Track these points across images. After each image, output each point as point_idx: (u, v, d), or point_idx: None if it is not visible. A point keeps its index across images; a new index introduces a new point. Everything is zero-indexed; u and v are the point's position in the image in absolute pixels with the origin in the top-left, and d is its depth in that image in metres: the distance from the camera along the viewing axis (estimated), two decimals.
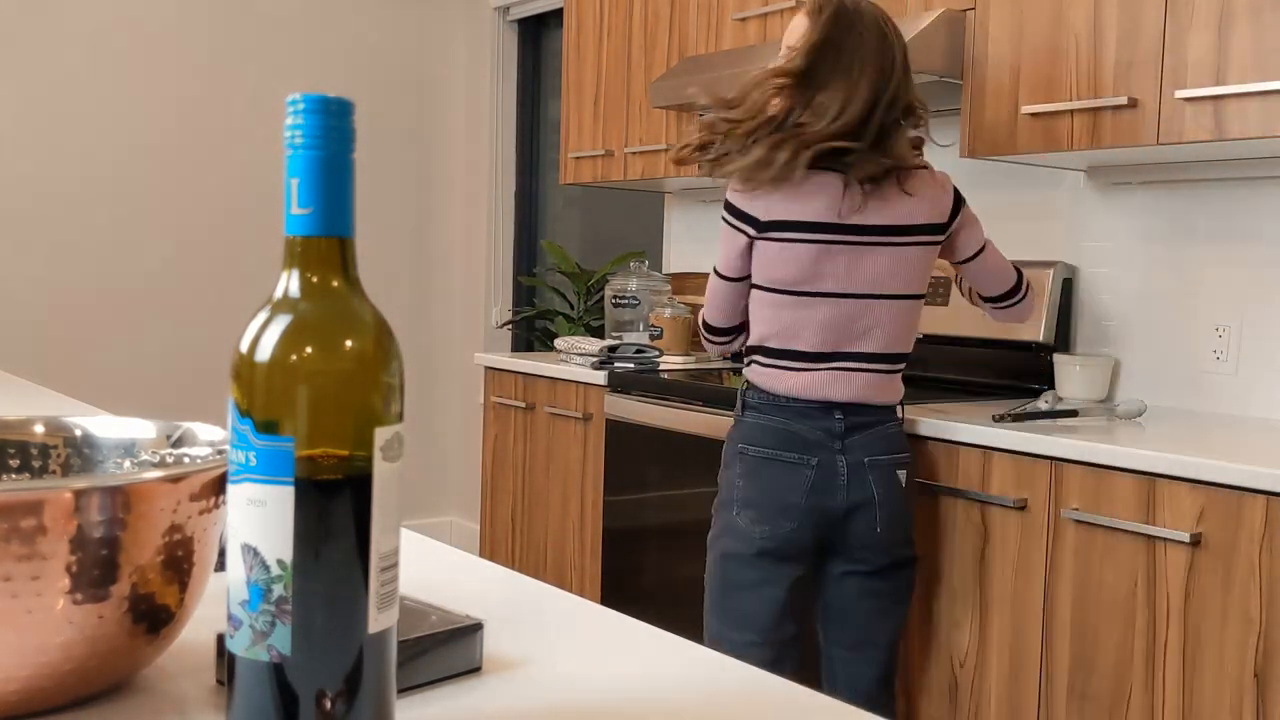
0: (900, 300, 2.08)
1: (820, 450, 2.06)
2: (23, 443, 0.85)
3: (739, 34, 3.08)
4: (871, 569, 2.12)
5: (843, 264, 2.03)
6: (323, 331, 0.58)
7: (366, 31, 4.58)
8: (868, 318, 2.06)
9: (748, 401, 2.14)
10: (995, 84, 2.46)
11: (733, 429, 2.17)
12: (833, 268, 2.03)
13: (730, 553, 2.13)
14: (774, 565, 2.09)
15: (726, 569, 2.14)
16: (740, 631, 2.12)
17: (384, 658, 0.60)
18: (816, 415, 2.07)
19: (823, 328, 2.05)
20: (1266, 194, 2.44)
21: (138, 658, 0.68)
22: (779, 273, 2.06)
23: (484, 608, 0.89)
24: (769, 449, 2.08)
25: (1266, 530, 1.81)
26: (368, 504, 0.58)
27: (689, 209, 3.84)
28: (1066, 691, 2.08)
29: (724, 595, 2.15)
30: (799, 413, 2.08)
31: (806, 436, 2.07)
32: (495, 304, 4.80)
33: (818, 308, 2.05)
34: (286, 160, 0.59)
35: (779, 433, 2.08)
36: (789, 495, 2.06)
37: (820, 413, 2.07)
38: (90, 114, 4.04)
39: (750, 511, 2.09)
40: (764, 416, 2.10)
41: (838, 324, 2.06)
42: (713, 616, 2.19)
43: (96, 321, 4.09)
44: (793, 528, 2.07)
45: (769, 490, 2.07)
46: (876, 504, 2.08)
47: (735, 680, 0.76)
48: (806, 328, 2.06)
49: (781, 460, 2.07)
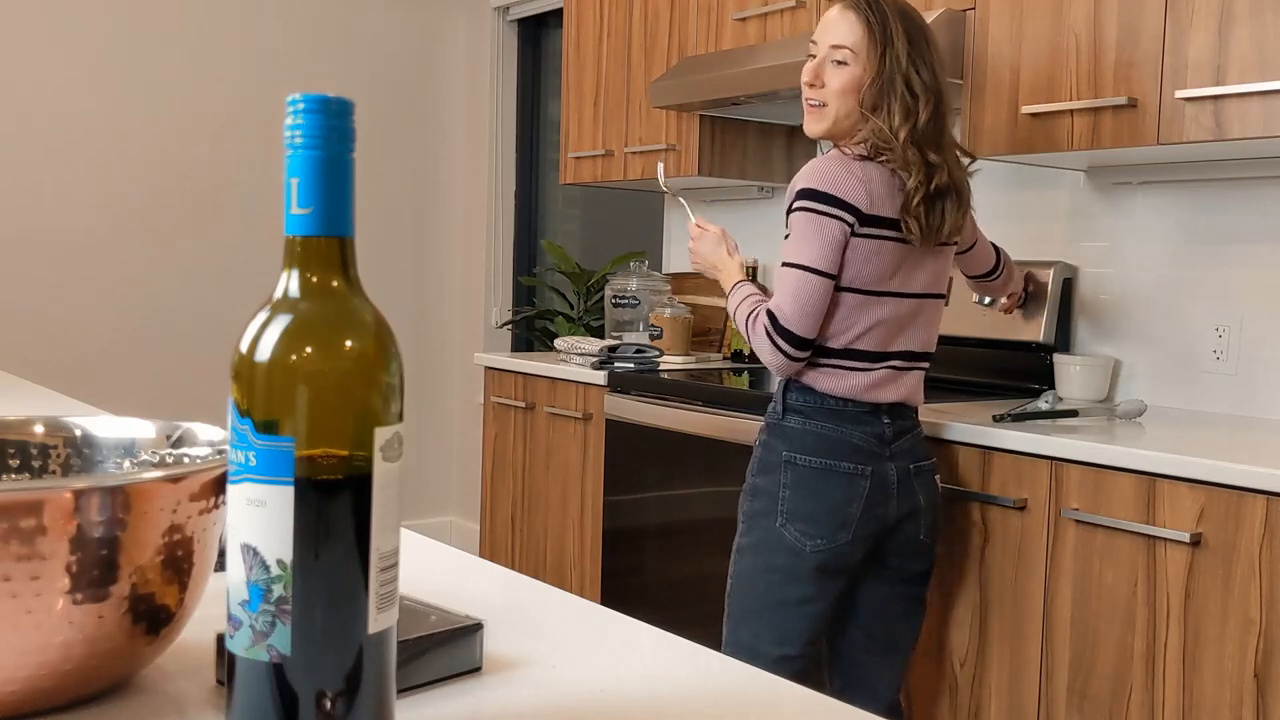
0: (942, 299, 2.11)
1: (873, 459, 2.02)
2: (23, 443, 0.85)
3: (739, 34, 3.08)
4: (909, 575, 2.11)
5: (913, 263, 2.02)
6: (323, 331, 0.58)
7: (366, 31, 4.58)
8: (921, 316, 2.05)
9: (791, 404, 2.05)
10: (995, 84, 2.46)
11: (772, 433, 2.08)
12: (908, 267, 2.01)
13: (778, 566, 2.02)
14: (827, 580, 2.03)
15: (772, 583, 2.03)
16: (779, 645, 2.03)
17: (384, 658, 0.60)
18: (866, 420, 2.02)
19: (886, 327, 2.01)
20: (1266, 194, 2.44)
21: (138, 658, 0.68)
22: (867, 270, 1.97)
23: (484, 608, 0.89)
24: (822, 458, 2.01)
25: (1266, 530, 1.81)
26: (367, 504, 0.58)
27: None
28: (1066, 691, 2.08)
29: (767, 609, 2.04)
30: (850, 418, 2.02)
31: (859, 444, 2.01)
32: (495, 304, 4.79)
33: (884, 306, 2.00)
34: (286, 160, 0.59)
35: (830, 439, 2.02)
36: (847, 507, 2.01)
37: (870, 417, 2.02)
38: (90, 114, 4.04)
39: (801, 524, 2.01)
40: (811, 421, 2.02)
41: (899, 322, 2.03)
42: (745, 628, 2.06)
43: (96, 321, 4.09)
44: (848, 540, 2.01)
45: (825, 502, 2.01)
46: (923, 511, 2.07)
47: (735, 680, 0.76)
48: (874, 327, 2.01)
49: (837, 471, 2.01)
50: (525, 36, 4.76)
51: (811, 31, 2.10)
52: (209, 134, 4.26)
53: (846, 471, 2.00)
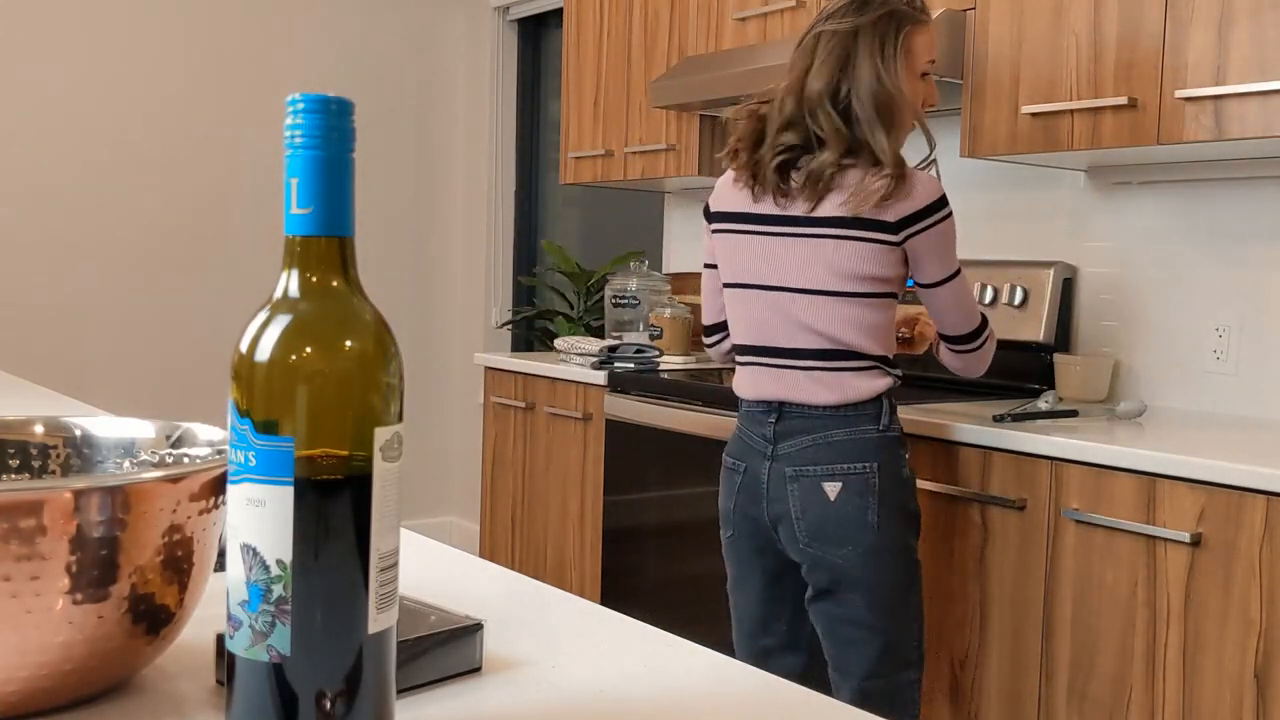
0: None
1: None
2: (23, 443, 0.85)
3: (739, 34, 3.08)
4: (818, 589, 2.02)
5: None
6: (322, 331, 0.58)
7: (366, 31, 4.58)
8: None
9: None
10: (995, 84, 2.46)
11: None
12: None
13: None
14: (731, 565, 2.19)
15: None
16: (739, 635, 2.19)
17: (384, 658, 0.60)
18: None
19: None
20: (1266, 194, 2.44)
21: (138, 658, 0.68)
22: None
23: (484, 608, 0.89)
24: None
25: (1266, 530, 1.81)
26: (367, 504, 0.58)
27: (689, 209, 3.84)
28: (1066, 691, 2.08)
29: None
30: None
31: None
32: (495, 304, 4.79)
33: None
34: (286, 160, 0.59)
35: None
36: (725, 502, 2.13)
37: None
38: (90, 114, 4.04)
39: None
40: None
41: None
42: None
43: (97, 321, 4.09)
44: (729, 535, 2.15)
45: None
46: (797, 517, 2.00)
47: (735, 680, 0.76)
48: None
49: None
50: (525, 36, 4.76)
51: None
52: (208, 134, 4.26)
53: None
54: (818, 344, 1.96)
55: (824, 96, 1.92)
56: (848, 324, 1.94)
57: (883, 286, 1.94)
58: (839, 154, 1.90)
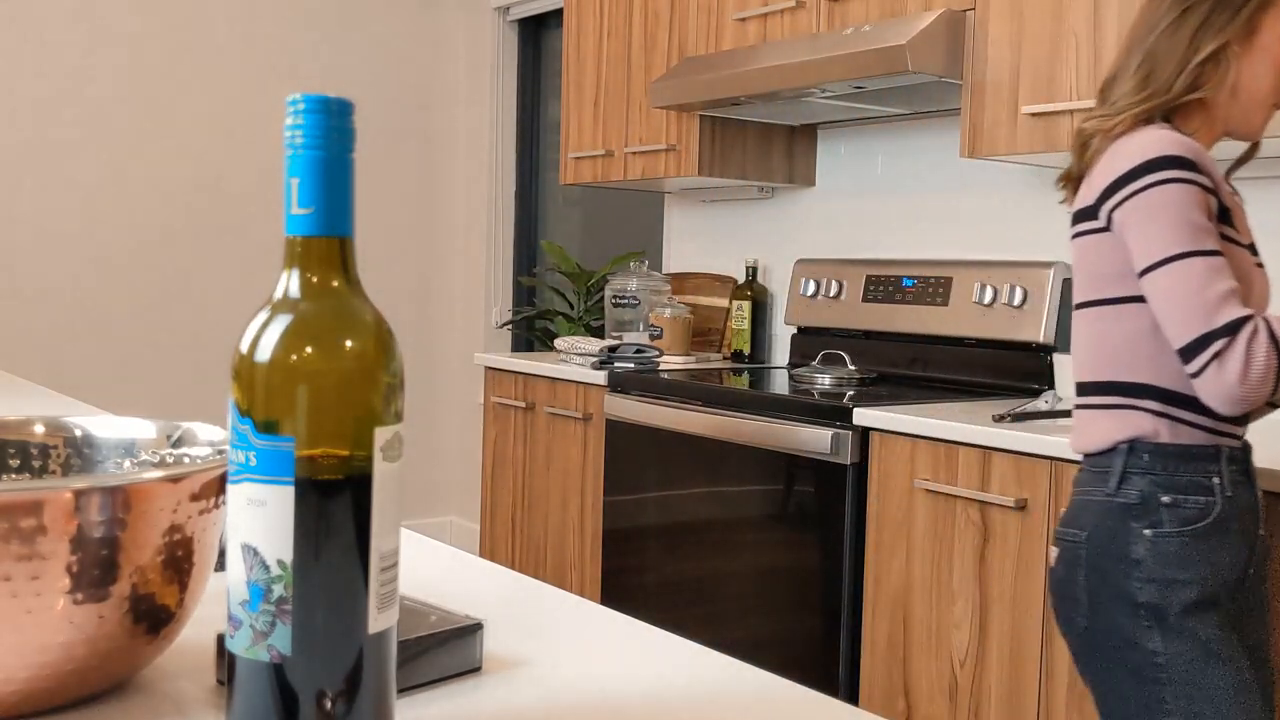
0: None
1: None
2: (23, 443, 0.85)
3: (739, 34, 3.08)
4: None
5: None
6: (323, 331, 0.58)
7: (366, 31, 4.58)
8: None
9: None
10: (995, 84, 2.46)
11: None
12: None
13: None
14: None
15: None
16: None
17: (384, 658, 0.60)
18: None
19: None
20: (1267, 194, 2.44)
21: (138, 658, 0.68)
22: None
23: (484, 608, 0.89)
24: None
25: (1266, 531, 1.80)
26: (368, 504, 0.58)
27: (689, 209, 3.84)
28: (1066, 691, 2.08)
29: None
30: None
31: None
32: (495, 304, 4.80)
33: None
34: (287, 160, 0.59)
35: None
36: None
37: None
38: (90, 114, 4.04)
39: None
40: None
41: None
42: None
43: (97, 321, 4.09)
44: None
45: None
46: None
47: (736, 680, 0.76)
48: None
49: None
50: (525, 36, 4.76)
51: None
52: (209, 134, 4.26)
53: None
54: (1077, 374, 1.62)
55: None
56: (1085, 344, 1.58)
57: (1117, 288, 1.53)
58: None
